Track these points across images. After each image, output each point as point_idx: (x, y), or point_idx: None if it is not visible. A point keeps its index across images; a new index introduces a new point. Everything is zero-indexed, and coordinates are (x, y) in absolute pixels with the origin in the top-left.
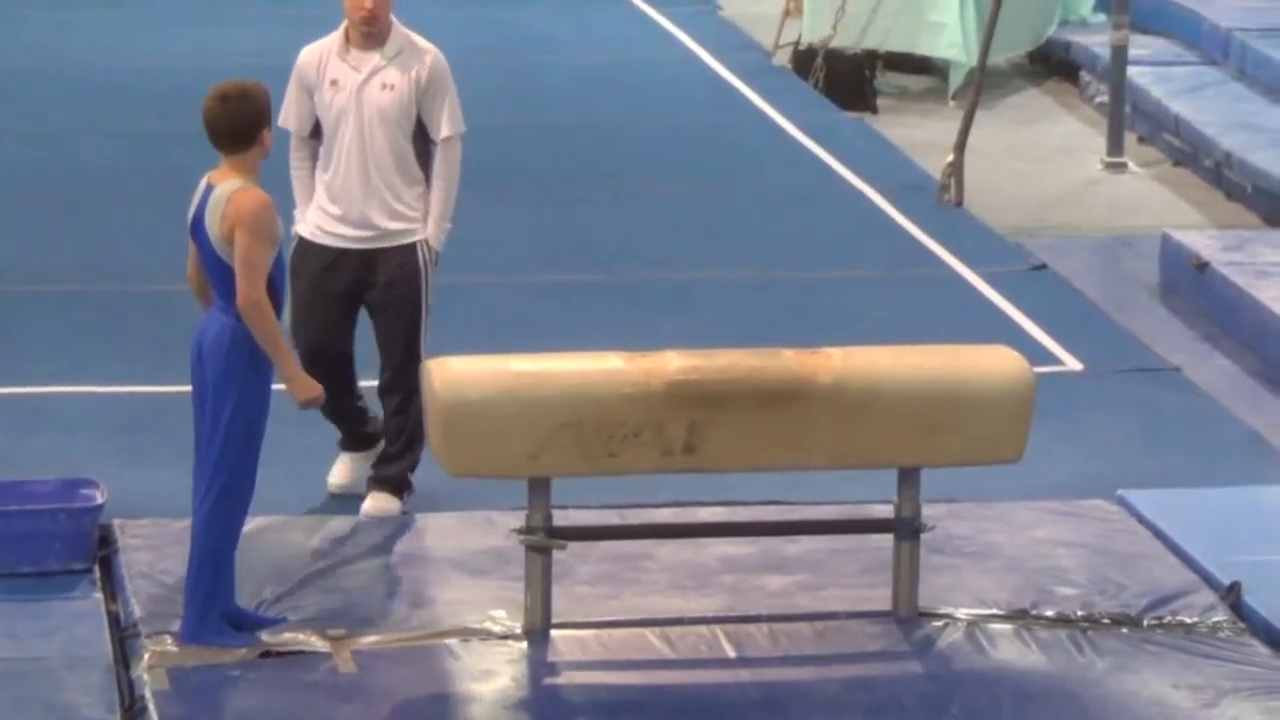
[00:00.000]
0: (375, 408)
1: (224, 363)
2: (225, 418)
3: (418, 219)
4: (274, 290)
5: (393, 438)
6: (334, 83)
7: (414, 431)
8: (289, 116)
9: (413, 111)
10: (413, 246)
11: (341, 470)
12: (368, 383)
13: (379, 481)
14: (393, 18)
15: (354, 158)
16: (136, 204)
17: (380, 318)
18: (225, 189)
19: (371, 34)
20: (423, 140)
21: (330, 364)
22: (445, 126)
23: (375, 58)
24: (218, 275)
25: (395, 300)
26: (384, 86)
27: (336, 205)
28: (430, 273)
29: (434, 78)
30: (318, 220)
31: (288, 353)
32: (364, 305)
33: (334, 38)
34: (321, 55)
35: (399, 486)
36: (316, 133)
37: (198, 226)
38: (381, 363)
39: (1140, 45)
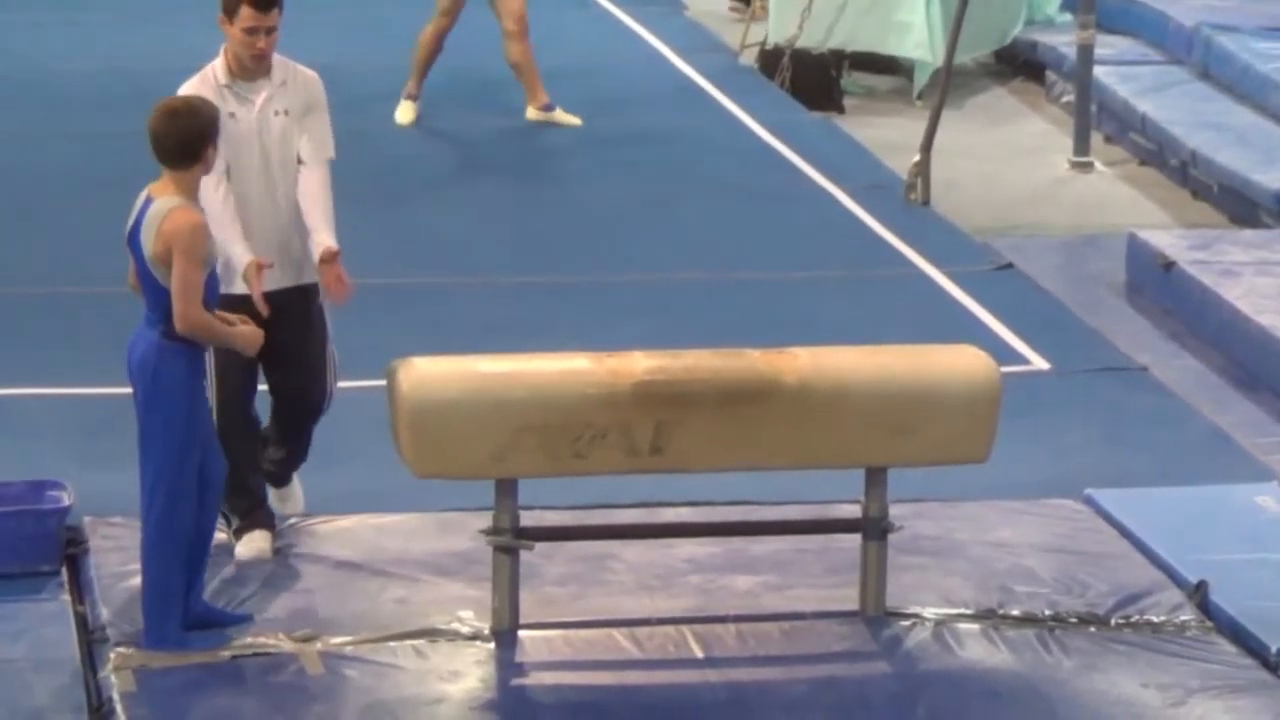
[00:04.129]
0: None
1: (151, 379)
2: (158, 432)
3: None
4: (206, 308)
5: (289, 458)
6: (232, 115)
7: (306, 449)
8: None
9: (301, 137)
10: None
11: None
12: (348, 383)
13: (283, 482)
14: None
15: (262, 187)
16: (95, 206)
17: (298, 352)
18: (163, 205)
19: (259, 68)
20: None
21: (246, 409)
22: (330, 148)
23: (265, 87)
24: (149, 288)
25: (320, 334)
26: (277, 113)
27: (255, 245)
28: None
29: (320, 102)
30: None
31: (230, 332)
32: (273, 341)
33: (213, 70)
34: (213, 91)
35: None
36: None
37: (134, 237)
38: (288, 399)
39: (1106, 44)
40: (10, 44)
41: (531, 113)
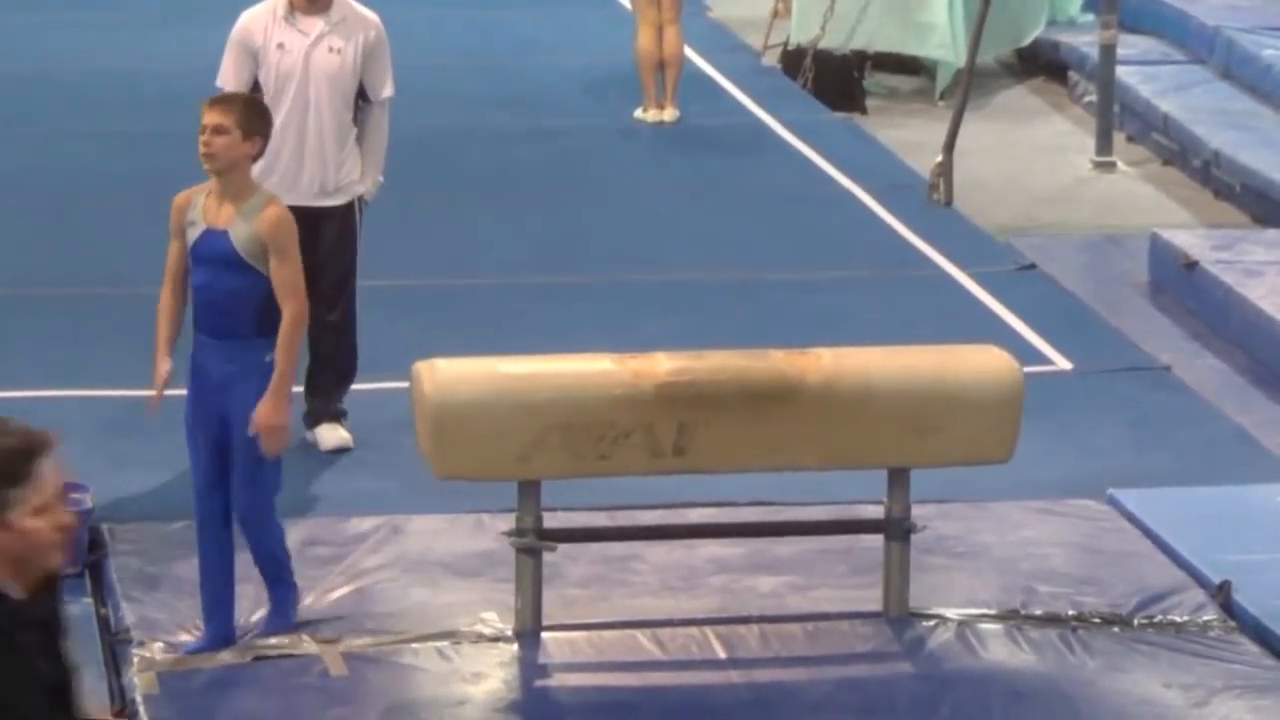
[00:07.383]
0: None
1: None
2: None
3: (353, 175)
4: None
5: (326, 371)
6: (280, 46)
7: (347, 364)
8: (228, 78)
9: (357, 74)
10: (350, 204)
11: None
12: (371, 385)
13: (329, 415)
14: None
15: (298, 119)
16: (123, 207)
17: (320, 269)
18: None
19: (317, 2)
20: (356, 101)
21: None
22: (387, 88)
23: (321, 23)
24: None
25: (336, 254)
26: (330, 50)
27: (278, 165)
28: (361, 223)
29: (378, 43)
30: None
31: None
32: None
33: (275, 1)
34: (267, 19)
35: (341, 415)
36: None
37: None
38: (319, 313)
39: (1128, 44)
40: (40, 44)
41: (671, 112)
